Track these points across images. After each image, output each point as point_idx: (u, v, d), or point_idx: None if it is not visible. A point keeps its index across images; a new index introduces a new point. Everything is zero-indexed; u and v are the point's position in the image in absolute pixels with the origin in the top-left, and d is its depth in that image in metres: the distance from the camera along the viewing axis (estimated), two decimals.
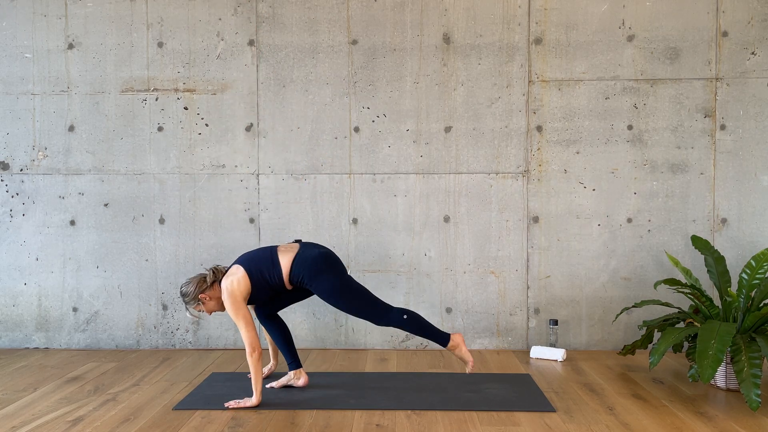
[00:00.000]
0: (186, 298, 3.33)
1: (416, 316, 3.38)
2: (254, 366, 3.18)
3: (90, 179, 4.45)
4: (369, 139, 4.39)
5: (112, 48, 4.43)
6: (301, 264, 3.31)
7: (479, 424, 3.00)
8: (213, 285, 3.33)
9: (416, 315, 3.39)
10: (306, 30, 4.39)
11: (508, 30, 4.35)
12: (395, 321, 3.34)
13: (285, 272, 3.32)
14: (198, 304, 3.33)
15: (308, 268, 3.30)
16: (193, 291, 3.30)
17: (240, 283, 3.27)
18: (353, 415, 3.12)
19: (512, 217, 4.37)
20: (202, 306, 3.34)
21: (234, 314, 3.22)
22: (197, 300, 3.31)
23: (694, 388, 3.53)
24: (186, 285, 3.34)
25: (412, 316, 3.37)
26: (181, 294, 3.35)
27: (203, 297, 3.31)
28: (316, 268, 3.30)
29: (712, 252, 3.90)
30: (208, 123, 4.42)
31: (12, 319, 4.48)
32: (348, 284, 3.33)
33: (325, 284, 3.31)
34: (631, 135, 4.34)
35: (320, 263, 3.31)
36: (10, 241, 4.47)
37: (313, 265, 3.30)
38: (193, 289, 3.30)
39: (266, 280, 3.32)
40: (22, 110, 4.45)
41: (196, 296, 3.31)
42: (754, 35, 4.29)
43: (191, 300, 3.32)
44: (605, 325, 4.37)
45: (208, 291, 3.32)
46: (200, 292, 3.31)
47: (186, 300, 3.33)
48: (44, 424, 3.02)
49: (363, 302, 3.34)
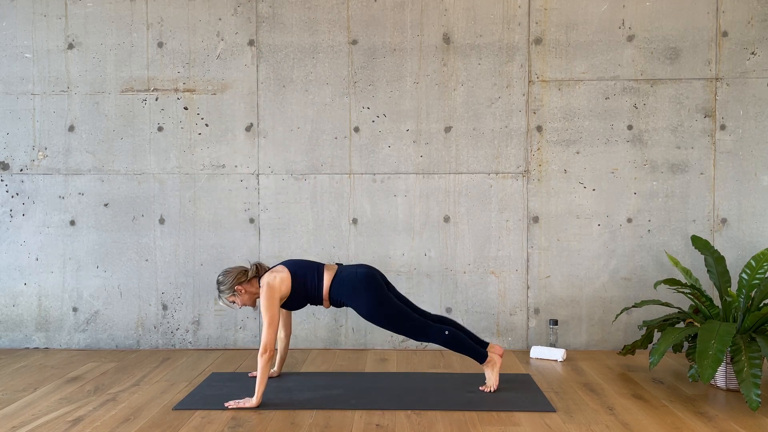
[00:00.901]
0: (222, 287, 3.38)
1: (456, 334, 3.39)
2: (262, 366, 3.19)
3: (90, 179, 4.45)
4: (369, 139, 4.39)
5: (112, 48, 4.43)
6: (340, 283, 3.38)
7: (479, 424, 3.00)
8: (251, 280, 3.40)
9: (456, 333, 3.40)
10: (306, 30, 4.39)
11: (508, 30, 4.35)
12: (436, 338, 3.38)
13: (326, 289, 3.40)
14: (232, 295, 3.38)
15: (346, 287, 3.37)
16: (231, 281, 3.35)
17: (282, 282, 3.34)
18: (353, 415, 3.12)
19: (512, 217, 4.37)
20: (236, 297, 3.38)
21: (265, 308, 3.27)
22: (233, 290, 3.36)
23: (694, 388, 3.53)
24: (224, 274, 3.39)
25: (453, 334, 3.38)
26: (217, 282, 3.41)
27: (239, 288, 3.36)
28: (354, 287, 3.36)
29: (712, 252, 3.90)
30: (208, 123, 4.42)
31: (12, 319, 4.48)
32: (385, 303, 3.36)
33: (363, 304, 3.36)
34: (631, 135, 4.34)
35: (357, 283, 3.37)
36: (10, 241, 4.47)
37: (351, 284, 3.37)
38: (231, 279, 3.36)
39: (307, 290, 3.39)
40: (22, 110, 4.45)
41: (233, 286, 3.35)
42: (754, 35, 4.29)
43: (227, 289, 3.36)
44: (605, 325, 4.37)
45: (245, 284, 3.38)
46: (237, 283, 3.36)
47: (221, 288, 3.38)
48: (44, 424, 3.02)
49: (401, 320, 3.37)
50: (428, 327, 3.39)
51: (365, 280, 3.38)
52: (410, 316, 3.39)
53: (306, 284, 3.39)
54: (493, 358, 3.44)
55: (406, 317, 3.38)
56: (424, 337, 3.40)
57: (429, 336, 3.39)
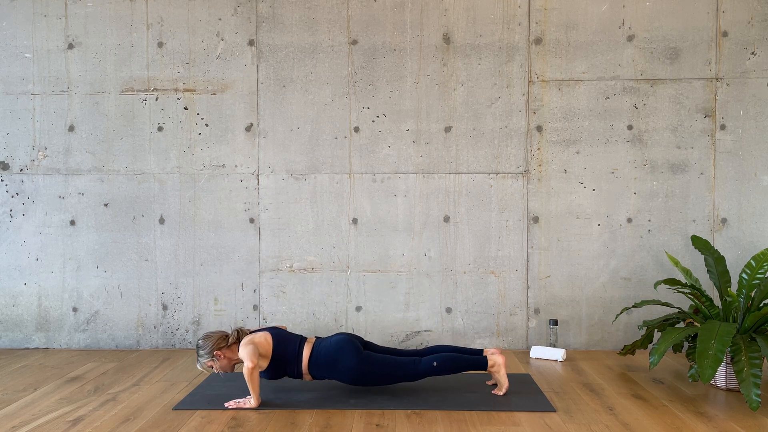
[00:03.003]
0: (201, 350, 3.36)
1: (444, 358, 3.37)
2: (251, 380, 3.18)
3: (90, 179, 4.45)
4: (369, 139, 4.39)
5: (112, 48, 4.43)
6: (317, 357, 3.35)
7: (479, 424, 3.00)
8: (231, 346, 3.38)
9: (444, 356, 3.38)
10: (306, 30, 4.39)
11: (508, 30, 4.35)
12: (427, 372, 3.35)
13: (305, 363, 3.36)
14: (210, 359, 3.35)
15: (323, 361, 3.34)
16: (210, 346, 3.34)
17: (263, 341, 3.32)
18: (353, 415, 3.12)
19: (512, 217, 4.37)
20: (214, 362, 3.36)
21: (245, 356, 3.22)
22: (211, 355, 3.34)
23: (694, 388, 3.53)
24: (204, 339, 3.38)
25: (441, 360, 3.36)
26: (196, 346, 3.39)
27: (218, 354, 3.34)
28: (329, 360, 3.34)
29: (712, 252, 3.90)
30: (208, 123, 4.42)
31: (12, 319, 4.48)
32: (365, 362, 3.33)
33: (344, 372, 3.34)
34: (631, 135, 4.34)
35: (332, 354, 3.34)
36: (10, 241, 4.47)
37: (326, 357, 3.34)
38: (211, 344, 3.34)
39: (287, 361, 3.36)
40: (22, 110, 4.45)
41: (212, 351, 3.34)
42: (754, 35, 4.29)
43: (206, 354, 3.35)
44: (605, 325, 4.37)
45: (225, 349, 3.36)
46: (217, 348, 3.35)
47: (200, 353, 3.36)
48: (44, 424, 3.02)
49: (390, 370, 3.35)
50: (417, 364, 3.35)
51: (338, 349, 3.34)
52: (396, 363, 3.36)
53: (286, 355, 3.35)
54: (494, 360, 3.43)
55: (392, 365, 3.35)
56: (418, 377, 3.37)
57: (420, 373, 3.35)
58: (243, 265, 4.41)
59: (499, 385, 3.42)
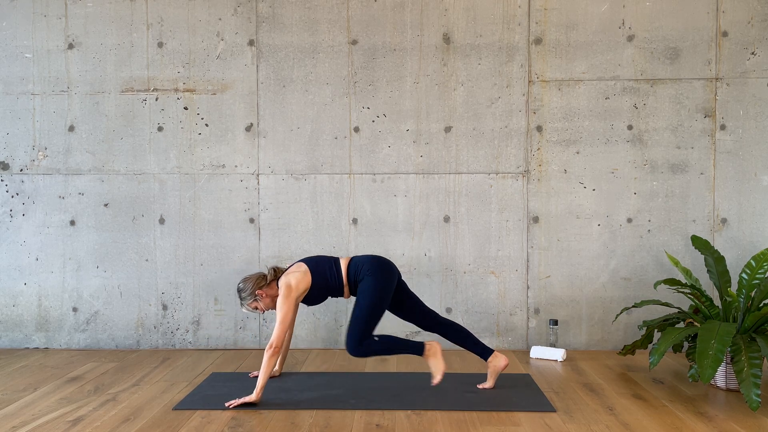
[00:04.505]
0: (243, 293, 3.43)
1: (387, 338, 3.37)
2: (267, 361, 3.21)
3: (90, 179, 4.45)
4: (369, 139, 4.39)
5: (112, 48, 4.43)
6: (357, 264, 3.45)
7: (479, 424, 3.00)
8: (271, 283, 3.45)
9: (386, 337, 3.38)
10: (306, 30, 4.39)
11: (508, 30, 4.35)
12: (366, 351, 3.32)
13: (344, 276, 3.44)
14: (254, 300, 3.42)
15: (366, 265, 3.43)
16: (251, 287, 3.41)
17: (301, 281, 3.38)
18: (353, 415, 3.12)
19: (512, 217, 4.37)
20: (258, 303, 3.43)
21: (279, 306, 3.31)
22: (254, 296, 3.41)
23: (694, 388, 3.53)
24: (244, 281, 3.45)
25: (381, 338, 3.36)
26: (238, 290, 3.47)
27: (260, 293, 3.42)
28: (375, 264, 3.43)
29: (712, 252, 3.90)
30: (208, 123, 4.42)
31: (12, 319, 4.48)
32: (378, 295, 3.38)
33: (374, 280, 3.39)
34: (631, 135, 4.34)
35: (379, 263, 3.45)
36: (10, 241, 4.47)
37: (371, 262, 3.44)
38: (252, 285, 3.41)
39: (326, 279, 3.44)
40: (22, 110, 4.45)
41: (253, 292, 3.41)
42: (754, 35, 4.29)
43: (248, 296, 3.42)
44: (605, 325, 4.37)
45: (266, 288, 3.43)
46: (258, 287, 3.41)
47: (243, 296, 3.43)
48: (44, 424, 3.02)
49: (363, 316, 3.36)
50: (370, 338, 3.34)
51: (386, 261, 3.48)
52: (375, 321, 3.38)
53: (327, 277, 3.44)
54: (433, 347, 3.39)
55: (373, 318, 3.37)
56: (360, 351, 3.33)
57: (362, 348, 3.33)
58: (243, 265, 4.41)
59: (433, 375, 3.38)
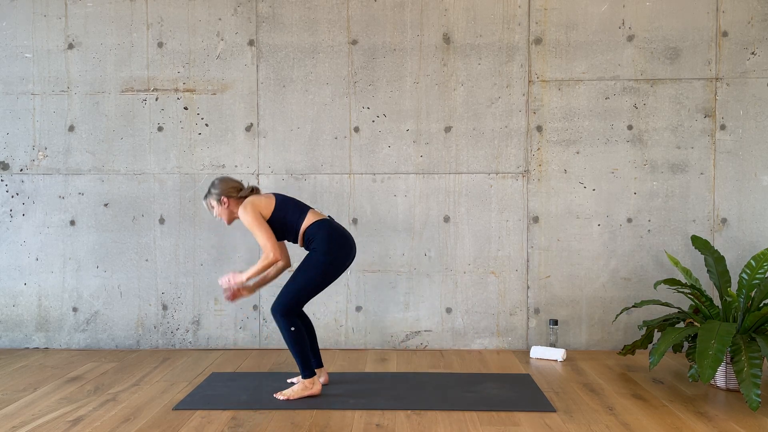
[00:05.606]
0: (213, 189, 3.40)
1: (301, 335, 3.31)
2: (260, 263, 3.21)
3: (90, 179, 4.45)
4: (369, 139, 4.39)
5: (112, 48, 4.43)
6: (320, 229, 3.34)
7: (479, 424, 3.00)
8: (240, 199, 3.39)
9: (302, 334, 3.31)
10: (306, 30, 4.39)
11: (508, 30, 4.35)
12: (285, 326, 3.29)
13: (304, 225, 3.36)
14: (217, 202, 3.38)
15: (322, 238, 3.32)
16: (222, 189, 3.38)
17: (261, 204, 3.33)
18: (353, 415, 3.12)
19: (512, 217, 4.37)
20: (217, 206, 3.39)
21: (252, 224, 3.27)
22: (219, 198, 3.37)
23: (694, 388, 3.53)
24: (221, 180, 3.41)
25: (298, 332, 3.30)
26: (211, 183, 3.42)
27: (225, 200, 3.37)
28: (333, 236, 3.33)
29: (712, 252, 3.90)
30: (208, 123, 4.42)
31: (12, 319, 4.48)
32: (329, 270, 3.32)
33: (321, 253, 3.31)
34: (631, 135, 4.34)
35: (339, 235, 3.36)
36: (10, 241, 4.47)
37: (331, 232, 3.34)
38: (224, 188, 3.38)
39: (285, 218, 3.36)
40: (22, 110, 4.45)
41: (221, 195, 3.37)
42: (754, 35, 4.29)
43: (215, 194, 3.37)
44: (605, 325, 4.37)
45: (232, 199, 3.39)
46: (226, 194, 3.37)
47: (211, 190, 3.40)
48: (44, 424, 3.02)
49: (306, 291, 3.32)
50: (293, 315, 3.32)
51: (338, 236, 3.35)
52: (308, 299, 3.35)
53: (287, 216, 3.36)
54: (315, 383, 3.36)
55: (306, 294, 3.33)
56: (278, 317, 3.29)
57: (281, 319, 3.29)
58: (243, 265, 4.40)
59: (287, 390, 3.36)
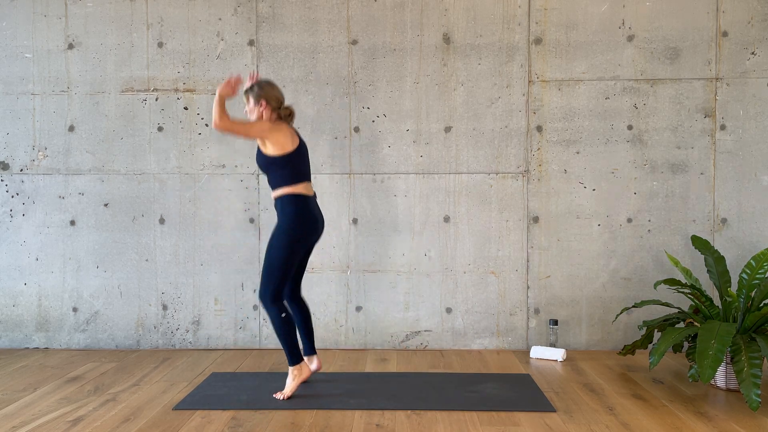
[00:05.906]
0: (257, 88, 3.38)
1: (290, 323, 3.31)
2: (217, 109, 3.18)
3: (90, 179, 4.45)
4: (369, 139, 4.39)
5: (112, 48, 4.43)
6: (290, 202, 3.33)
7: (479, 424, 3.00)
8: (276, 112, 3.40)
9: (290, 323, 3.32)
10: (306, 30, 4.39)
11: (508, 30, 4.35)
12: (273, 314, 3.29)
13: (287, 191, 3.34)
14: (256, 101, 3.37)
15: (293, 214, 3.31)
16: (266, 93, 3.37)
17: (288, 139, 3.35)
18: (353, 415, 3.12)
19: (512, 217, 4.37)
20: (254, 105, 3.38)
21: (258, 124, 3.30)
22: (259, 100, 3.36)
23: (694, 388, 3.53)
24: (270, 85, 3.41)
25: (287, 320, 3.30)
26: (262, 82, 3.41)
27: (263, 104, 3.37)
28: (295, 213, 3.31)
29: (712, 252, 3.90)
30: (209, 123, 4.42)
31: (12, 319, 4.48)
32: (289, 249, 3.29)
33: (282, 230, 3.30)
34: (631, 135, 4.34)
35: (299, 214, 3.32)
36: (10, 241, 4.47)
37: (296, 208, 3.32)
38: (267, 93, 3.38)
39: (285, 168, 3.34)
40: (22, 110, 4.45)
41: (260, 97, 3.36)
42: (754, 35, 4.29)
43: (258, 95, 3.37)
44: (605, 325, 4.37)
45: (269, 109, 3.39)
46: (267, 100, 3.37)
47: (255, 89, 3.38)
48: (44, 424, 3.02)
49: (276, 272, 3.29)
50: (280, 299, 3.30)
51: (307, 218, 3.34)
52: (284, 278, 3.30)
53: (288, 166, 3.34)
54: (303, 368, 3.37)
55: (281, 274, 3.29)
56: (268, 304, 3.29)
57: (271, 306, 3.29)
58: (243, 265, 4.41)
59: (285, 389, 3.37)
